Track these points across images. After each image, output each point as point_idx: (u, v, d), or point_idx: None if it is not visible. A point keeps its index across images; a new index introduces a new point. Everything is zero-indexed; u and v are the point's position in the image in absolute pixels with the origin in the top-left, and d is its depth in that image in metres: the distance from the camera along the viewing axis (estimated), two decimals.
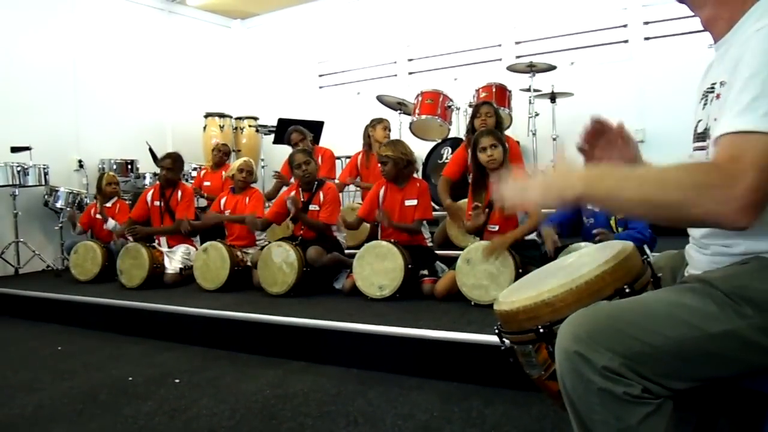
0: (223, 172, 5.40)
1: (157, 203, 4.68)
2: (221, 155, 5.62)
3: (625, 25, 5.54)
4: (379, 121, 5.08)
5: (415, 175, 3.87)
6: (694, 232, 1.17)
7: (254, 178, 4.66)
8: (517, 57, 5.84)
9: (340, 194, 4.76)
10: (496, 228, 3.32)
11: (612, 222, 3.03)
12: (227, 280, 4.02)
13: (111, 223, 4.85)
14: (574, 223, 3.24)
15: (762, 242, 1.02)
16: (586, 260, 1.22)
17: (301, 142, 4.84)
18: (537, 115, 5.08)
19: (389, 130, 5.05)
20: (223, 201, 4.54)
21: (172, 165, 4.65)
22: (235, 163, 4.65)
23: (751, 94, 0.92)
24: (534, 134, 5.08)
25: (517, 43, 6.07)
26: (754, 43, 0.96)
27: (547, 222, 3.19)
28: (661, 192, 0.93)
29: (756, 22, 1.00)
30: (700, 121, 1.14)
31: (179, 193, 4.68)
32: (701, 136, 1.14)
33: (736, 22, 1.08)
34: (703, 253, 1.13)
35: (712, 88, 1.09)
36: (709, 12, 1.14)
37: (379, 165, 3.79)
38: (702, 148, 1.13)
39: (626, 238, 2.65)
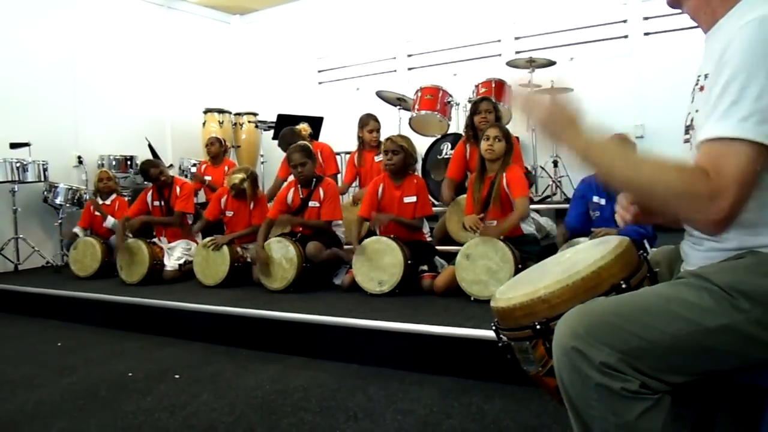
0: (226, 167, 5.37)
1: (157, 203, 4.68)
2: (217, 146, 5.53)
3: (624, 21, 5.52)
4: (366, 122, 4.92)
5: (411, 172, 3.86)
6: (688, 229, 1.17)
7: (258, 191, 4.45)
8: (517, 52, 5.82)
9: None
10: (494, 223, 3.33)
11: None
12: (227, 276, 4.02)
13: (110, 220, 4.87)
14: (585, 225, 3.26)
15: (755, 237, 1.03)
16: (582, 256, 1.22)
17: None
18: None
19: (377, 132, 4.87)
20: (223, 201, 4.43)
21: (147, 176, 4.66)
22: (236, 175, 4.35)
23: (730, 98, 0.94)
24: (533, 130, 5.07)
25: (516, 38, 6.05)
26: (737, 41, 0.97)
27: (564, 223, 3.37)
28: (650, 186, 0.98)
29: (740, 18, 1.00)
30: (689, 113, 1.16)
31: (177, 189, 4.69)
32: (687, 129, 1.15)
33: (720, 16, 1.09)
34: (697, 250, 1.14)
35: (698, 80, 1.10)
36: (692, 4, 1.15)
37: (387, 155, 3.68)
38: (687, 141, 1.15)
39: (629, 232, 2.66)
